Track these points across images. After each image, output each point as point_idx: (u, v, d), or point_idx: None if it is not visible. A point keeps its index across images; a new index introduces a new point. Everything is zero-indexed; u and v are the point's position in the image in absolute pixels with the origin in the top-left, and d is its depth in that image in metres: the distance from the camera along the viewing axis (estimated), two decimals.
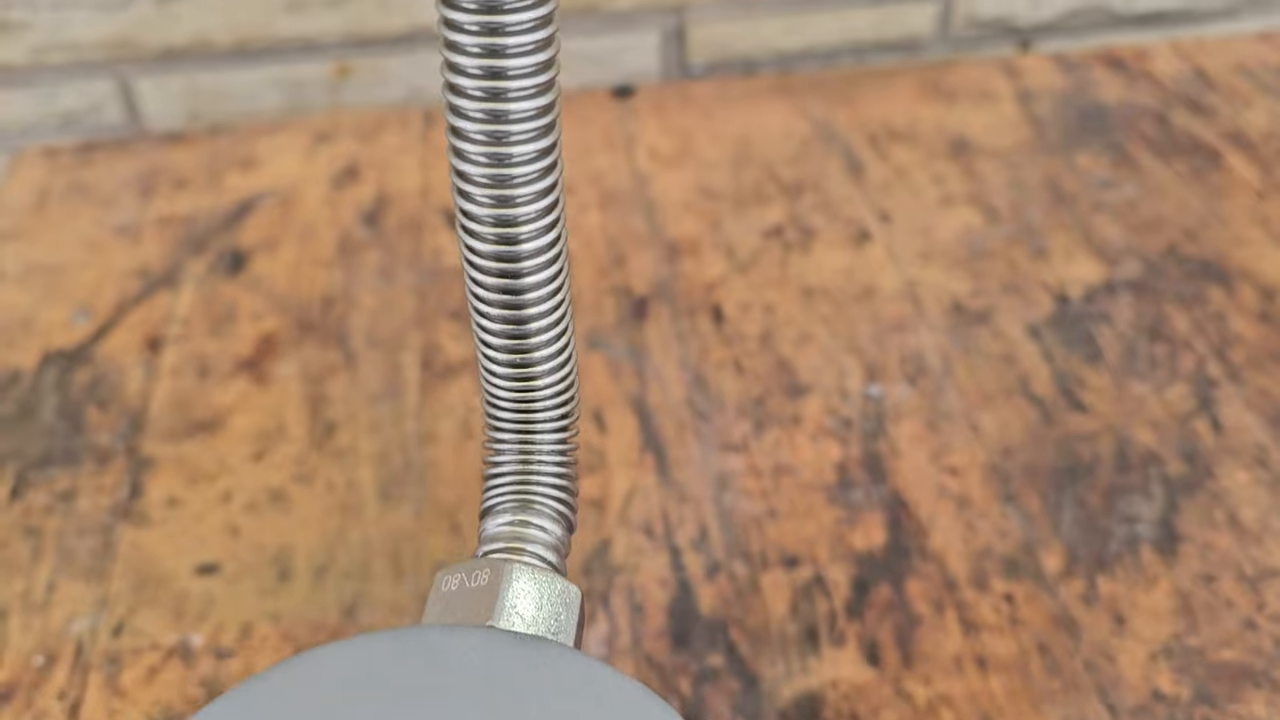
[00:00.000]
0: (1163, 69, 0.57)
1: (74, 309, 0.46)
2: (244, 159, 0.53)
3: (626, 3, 0.57)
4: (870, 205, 0.49)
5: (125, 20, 0.54)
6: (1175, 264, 0.46)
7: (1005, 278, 0.45)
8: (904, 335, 0.43)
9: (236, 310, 0.45)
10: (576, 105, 0.56)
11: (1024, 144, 0.52)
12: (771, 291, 0.45)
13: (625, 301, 0.45)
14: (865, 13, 0.59)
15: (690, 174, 0.51)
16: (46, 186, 0.52)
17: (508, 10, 0.20)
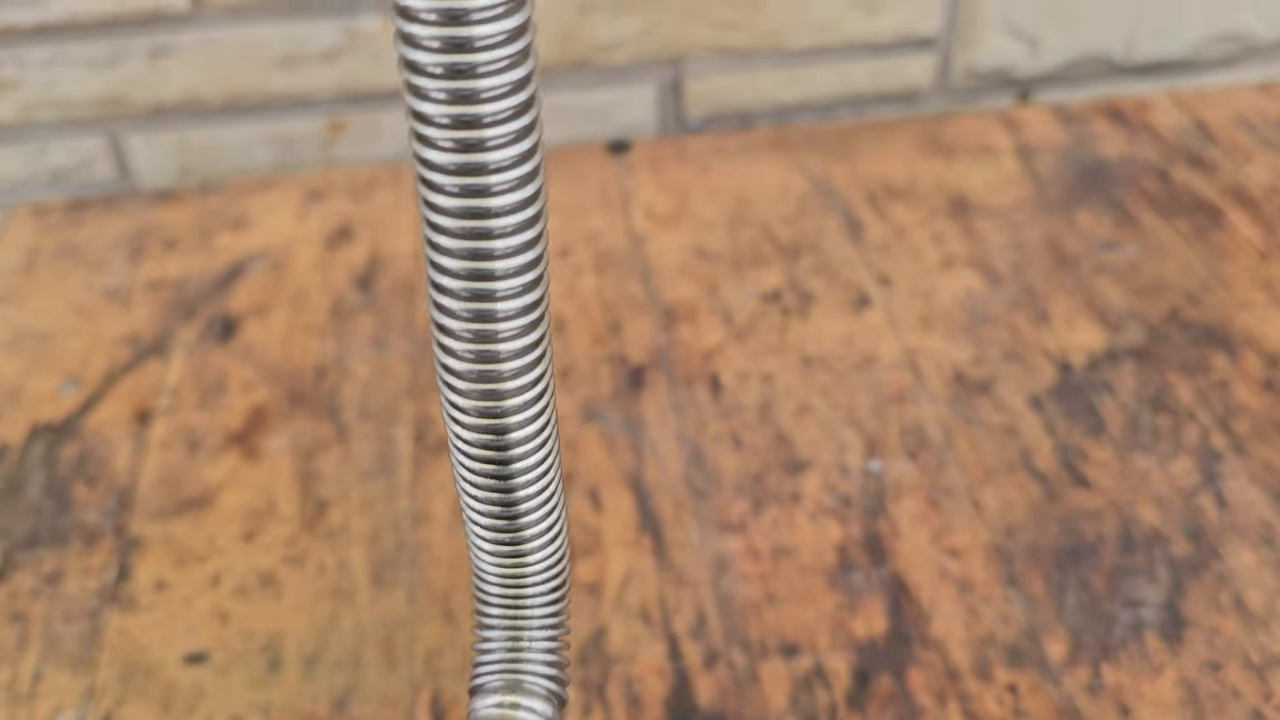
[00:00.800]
0: (1163, 121, 0.57)
1: (63, 378, 0.45)
2: (235, 218, 0.53)
3: (623, 56, 0.57)
4: (869, 267, 0.49)
5: (116, 77, 0.54)
6: (1178, 329, 0.46)
7: (1007, 345, 0.45)
8: (904, 406, 0.42)
9: (227, 380, 0.45)
10: (572, 160, 0.55)
11: (1024, 201, 0.52)
12: (770, 360, 0.44)
13: (622, 370, 0.44)
14: (863, 65, 0.59)
15: (687, 234, 0.51)
16: (36, 247, 0.52)
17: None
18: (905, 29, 0.58)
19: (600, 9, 0.55)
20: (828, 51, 0.58)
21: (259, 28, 0.54)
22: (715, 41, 0.57)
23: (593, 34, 0.56)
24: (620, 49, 0.56)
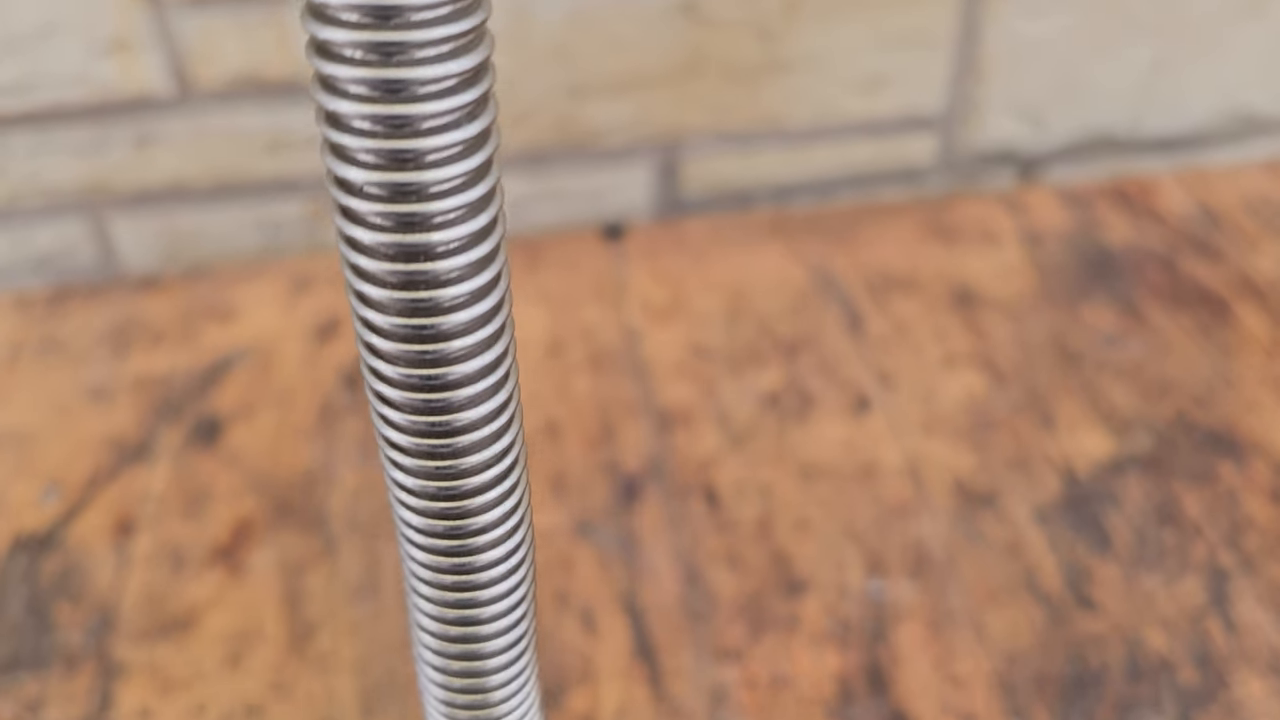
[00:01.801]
0: (1168, 206, 0.57)
1: (45, 484, 0.45)
2: (221, 308, 0.53)
3: (618, 139, 0.57)
4: (869, 366, 0.48)
5: (102, 164, 0.54)
6: (1184, 434, 0.45)
7: (1010, 451, 0.45)
8: (905, 520, 0.42)
9: (212, 488, 0.45)
10: (565, 247, 0.55)
11: (1027, 293, 0.52)
12: (768, 469, 0.44)
13: (615, 480, 0.44)
14: (864, 145, 0.59)
15: (683, 329, 0.51)
16: (19, 341, 0.52)
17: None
18: (906, 109, 0.58)
19: (594, 91, 0.55)
20: (827, 132, 0.58)
21: (246, 113, 0.54)
22: (712, 123, 0.57)
23: (587, 116, 0.56)
24: (615, 131, 0.56)
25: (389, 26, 0.17)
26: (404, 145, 0.18)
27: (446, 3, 0.17)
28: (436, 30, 0.17)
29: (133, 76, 0.52)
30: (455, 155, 0.18)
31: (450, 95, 0.17)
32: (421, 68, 0.17)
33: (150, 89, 0.53)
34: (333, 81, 0.17)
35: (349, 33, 0.17)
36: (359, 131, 0.17)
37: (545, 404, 0.47)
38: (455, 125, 0.18)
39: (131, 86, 0.53)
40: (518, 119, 0.55)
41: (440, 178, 0.18)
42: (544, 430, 0.46)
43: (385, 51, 0.17)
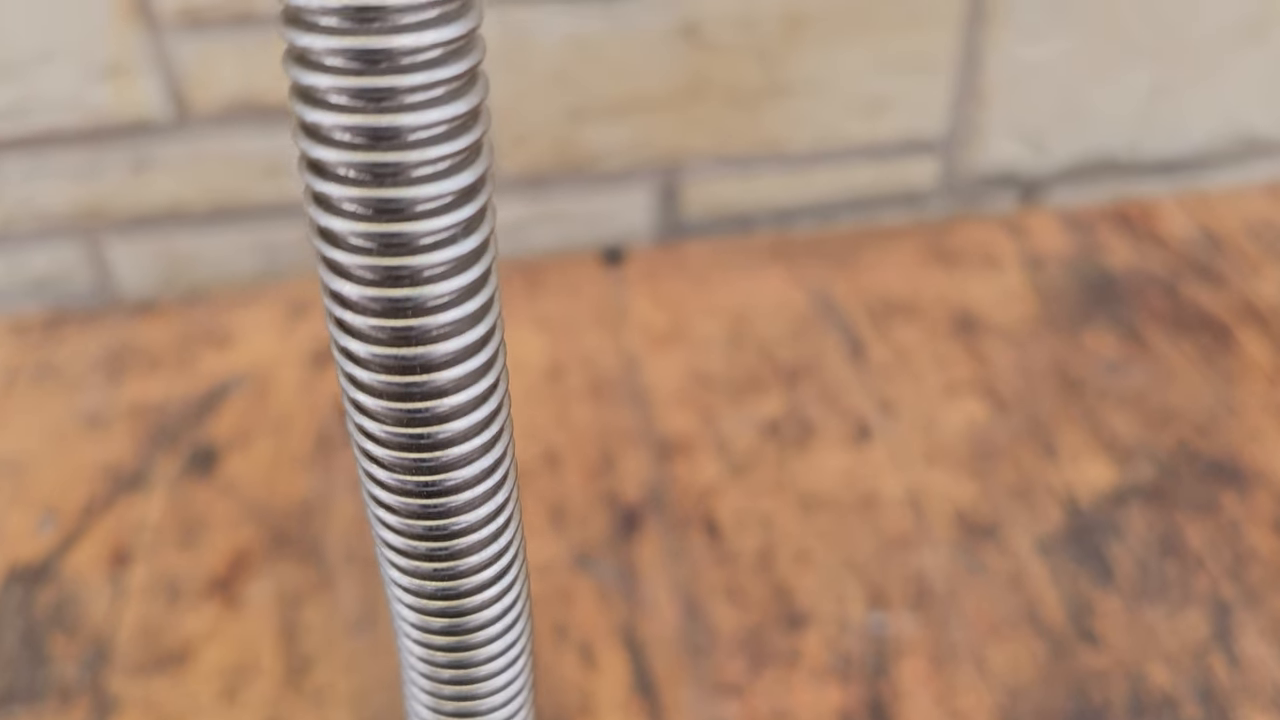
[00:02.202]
0: (1170, 230, 0.57)
1: (41, 512, 0.45)
2: (218, 335, 0.53)
3: (618, 163, 0.57)
4: (870, 394, 0.49)
5: (98, 188, 0.54)
6: (1186, 464, 0.45)
7: (1011, 481, 0.45)
8: (906, 552, 0.42)
9: (209, 517, 0.45)
10: (565, 271, 0.55)
11: (1029, 318, 0.52)
12: (768, 499, 0.44)
13: (615, 512, 0.44)
14: (865, 168, 0.59)
15: (684, 356, 0.51)
16: (15, 367, 0.52)
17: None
18: (907, 132, 0.58)
19: (594, 115, 0.55)
20: (828, 155, 0.58)
21: (244, 137, 0.54)
22: (713, 146, 0.57)
23: (586, 140, 0.56)
24: (615, 155, 0.56)
25: (377, 72, 0.16)
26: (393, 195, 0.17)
27: (437, 46, 0.16)
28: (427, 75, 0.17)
29: (129, 100, 0.52)
30: (446, 206, 0.18)
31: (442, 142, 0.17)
32: (412, 114, 0.17)
33: (147, 113, 0.53)
34: (317, 129, 0.17)
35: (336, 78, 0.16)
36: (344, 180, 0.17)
37: (544, 432, 0.47)
38: (446, 174, 0.18)
39: (128, 110, 0.53)
40: (517, 142, 0.55)
41: (431, 229, 0.18)
42: (543, 459, 0.46)
43: (374, 98, 0.17)
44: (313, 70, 0.16)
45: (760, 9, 0.54)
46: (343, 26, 0.16)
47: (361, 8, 0.16)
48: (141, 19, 0.51)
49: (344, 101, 0.16)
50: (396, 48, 0.16)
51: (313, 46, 0.16)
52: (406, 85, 0.16)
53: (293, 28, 0.16)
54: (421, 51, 0.16)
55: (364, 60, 0.16)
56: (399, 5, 0.16)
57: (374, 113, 0.16)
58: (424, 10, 0.16)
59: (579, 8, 0.52)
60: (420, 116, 0.17)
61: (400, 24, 0.16)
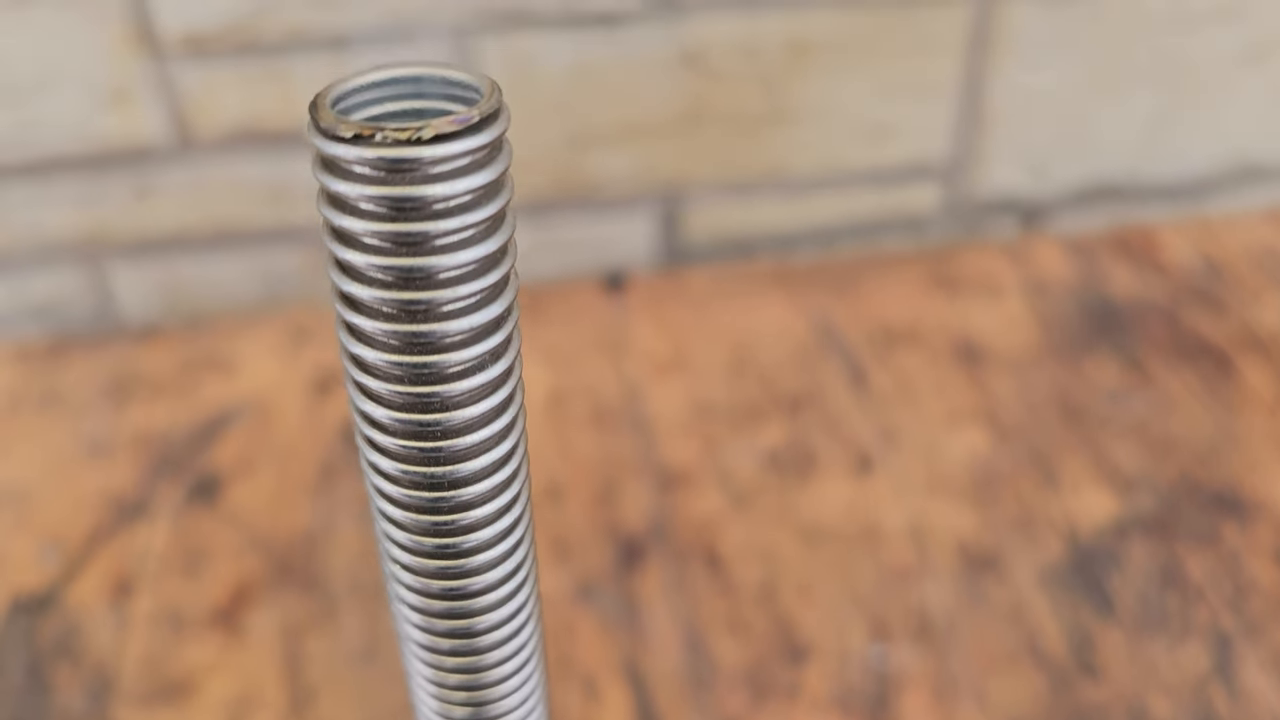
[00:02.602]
0: (1171, 257, 0.57)
1: (45, 541, 0.46)
2: (221, 361, 0.53)
3: (619, 189, 0.57)
4: (872, 423, 0.49)
5: (102, 214, 0.55)
6: (1187, 495, 0.46)
7: (1013, 512, 0.45)
8: (908, 583, 0.43)
9: (212, 547, 0.45)
10: (567, 298, 0.56)
11: (1031, 347, 0.52)
12: (770, 531, 0.45)
13: (617, 543, 0.44)
14: (868, 194, 0.59)
15: (686, 384, 0.51)
16: (19, 393, 0.52)
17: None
18: (910, 158, 0.59)
19: (596, 142, 0.56)
20: (830, 181, 0.59)
21: (246, 163, 0.54)
22: (715, 173, 0.57)
23: (588, 167, 0.56)
24: (617, 181, 0.57)
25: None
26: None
27: (468, 192, 0.17)
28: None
29: (133, 127, 0.53)
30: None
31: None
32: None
33: (150, 140, 0.53)
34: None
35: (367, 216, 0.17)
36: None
37: (547, 462, 0.47)
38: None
39: (131, 137, 0.53)
40: (519, 168, 0.56)
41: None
42: (545, 490, 0.46)
43: (406, 242, 0.17)
44: (346, 213, 0.17)
45: (763, 37, 0.54)
46: (376, 175, 0.16)
47: (396, 159, 0.16)
48: (145, 47, 0.51)
49: (376, 243, 0.17)
50: (428, 195, 0.17)
51: (347, 193, 0.17)
52: (438, 230, 0.17)
53: (326, 173, 0.17)
54: (453, 198, 0.17)
55: (396, 207, 0.17)
56: (432, 157, 0.16)
57: (405, 255, 0.17)
58: (455, 160, 0.16)
59: (582, 35, 0.53)
60: (451, 258, 0.17)
61: (432, 174, 0.16)
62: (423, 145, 0.16)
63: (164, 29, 0.51)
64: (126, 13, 0.50)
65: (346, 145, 0.16)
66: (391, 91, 0.18)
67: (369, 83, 0.18)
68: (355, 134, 0.16)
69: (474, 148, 0.17)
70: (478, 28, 0.52)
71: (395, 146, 0.16)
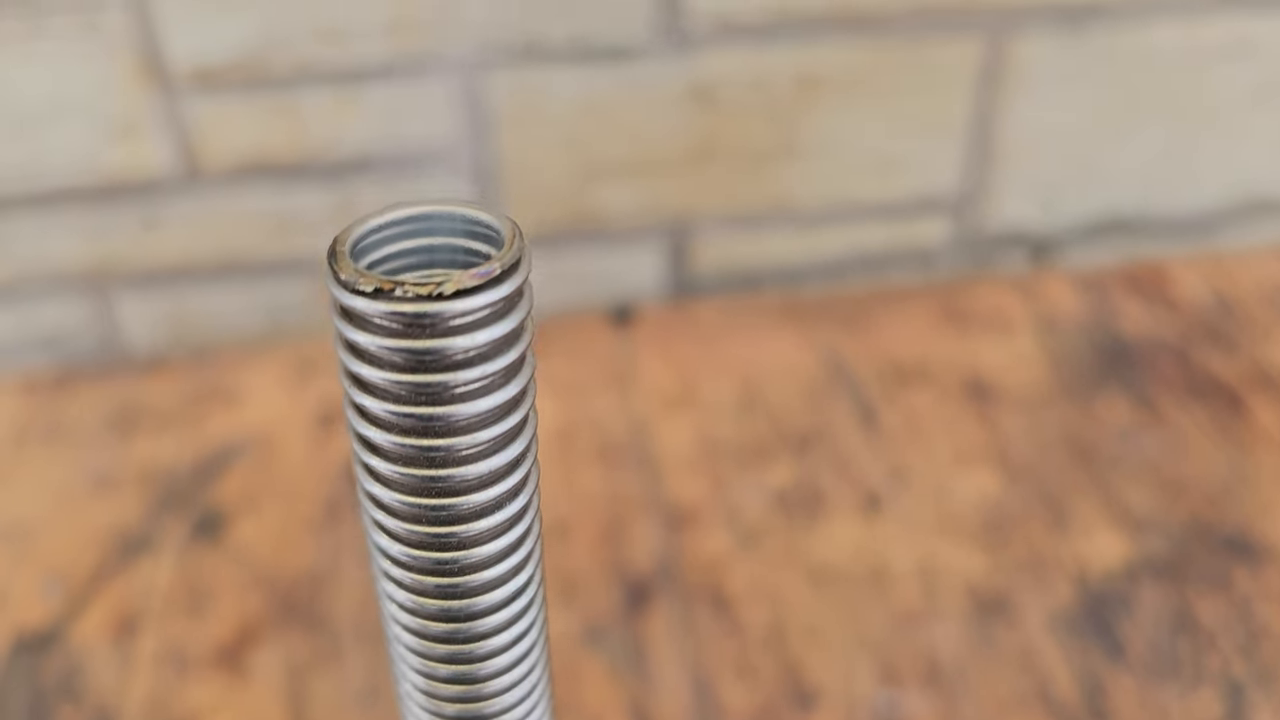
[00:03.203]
0: (1181, 293, 0.57)
1: (48, 577, 0.46)
2: (226, 393, 0.53)
3: (628, 221, 0.57)
4: (881, 462, 0.49)
5: (109, 245, 0.55)
6: (1199, 538, 0.46)
7: (1023, 554, 0.45)
8: (917, 627, 0.43)
9: (216, 584, 0.45)
10: (574, 331, 0.56)
11: (1041, 384, 0.53)
12: (778, 572, 0.45)
13: (624, 583, 0.44)
14: (877, 227, 0.60)
15: (693, 420, 0.51)
16: (24, 425, 0.52)
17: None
18: (920, 191, 0.59)
19: (605, 175, 0.56)
20: (839, 215, 0.59)
21: (254, 195, 0.54)
22: (723, 206, 0.58)
23: (597, 199, 0.56)
24: (625, 214, 0.57)
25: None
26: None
27: (487, 344, 0.17)
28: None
29: (141, 159, 0.53)
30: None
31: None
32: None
33: (158, 171, 0.54)
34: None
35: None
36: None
37: (553, 499, 0.48)
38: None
39: (139, 169, 0.53)
40: (527, 201, 0.56)
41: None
42: (552, 528, 0.46)
43: (424, 391, 0.17)
44: (364, 362, 0.17)
45: (773, 71, 0.54)
46: (396, 328, 0.17)
47: (416, 314, 0.16)
48: (155, 80, 0.51)
49: (394, 391, 0.17)
50: (449, 348, 0.17)
51: (365, 344, 0.17)
52: (457, 381, 0.17)
53: (345, 322, 0.17)
54: (474, 349, 0.17)
55: (416, 359, 0.17)
56: (453, 312, 0.16)
57: (424, 404, 0.17)
58: (477, 313, 0.17)
59: (591, 69, 0.53)
60: (469, 406, 0.17)
61: (453, 327, 0.17)
62: (444, 300, 0.16)
63: (173, 62, 0.51)
64: (136, 46, 0.51)
65: (367, 299, 0.16)
66: (410, 229, 0.19)
67: (388, 221, 0.18)
68: (376, 288, 0.16)
69: (495, 300, 0.17)
70: (487, 61, 0.52)
71: (416, 301, 0.16)
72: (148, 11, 0.50)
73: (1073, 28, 0.55)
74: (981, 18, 0.55)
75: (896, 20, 0.54)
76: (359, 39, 0.51)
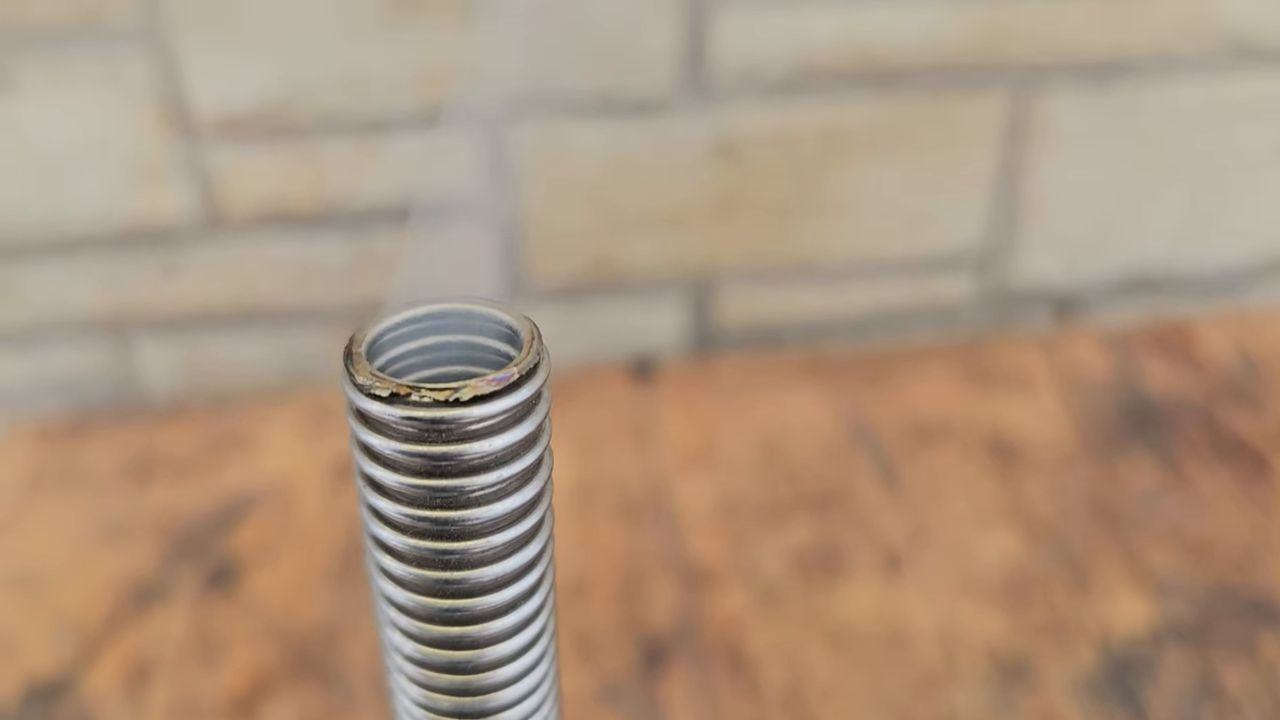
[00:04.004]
0: (1207, 352, 0.58)
1: (60, 625, 0.46)
2: (243, 442, 0.54)
3: (652, 275, 0.58)
4: (902, 522, 0.49)
5: (129, 292, 0.55)
6: (1223, 602, 0.46)
7: (1044, 618, 0.45)
8: (936, 690, 0.43)
9: (230, 636, 0.45)
10: (595, 384, 0.56)
11: (1064, 444, 0.53)
12: (797, 631, 0.45)
13: (641, 642, 0.44)
14: (901, 284, 0.60)
15: (714, 477, 0.51)
16: (39, 471, 0.53)
17: None
18: (944, 247, 0.59)
19: (629, 229, 0.56)
20: (864, 270, 0.59)
21: (274, 244, 0.55)
22: (747, 261, 0.58)
23: (621, 254, 0.57)
24: (649, 268, 0.58)
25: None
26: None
27: (506, 448, 0.17)
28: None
29: (163, 206, 0.54)
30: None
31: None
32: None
33: (180, 218, 0.54)
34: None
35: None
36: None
37: (572, 555, 0.48)
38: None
39: (162, 215, 0.54)
40: (552, 255, 0.57)
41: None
42: (570, 585, 0.47)
43: (440, 495, 0.18)
44: (379, 465, 0.17)
45: (798, 127, 0.55)
46: (412, 433, 0.17)
47: (433, 419, 0.16)
48: (179, 128, 0.52)
49: (409, 494, 0.17)
50: (465, 454, 0.17)
51: (380, 447, 0.17)
52: (473, 485, 0.17)
53: (361, 425, 0.17)
54: (490, 455, 0.17)
55: (432, 463, 0.17)
56: (470, 418, 0.16)
57: (439, 508, 0.17)
58: (494, 418, 0.17)
59: (618, 123, 0.54)
60: (485, 510, 0.17)
61: (469, 432, 0.17)
62: (461, 406, 0.16)
63: (197, 110, 0.52)
64: (160, 94, 0.51)
65: (383, 404, 0.16)
66: (427, 326, 0.19)
67: (404, 319, 0.18)
68: (392, 393, 0.16)
69: (512, 405, 0.17)
70: (513, 114, 0.53)
71: (433, 408, 0.16)
72: (172, 60, 0.51)
73: (1098, 85, 0.56)
74: (1006, 74, 0.55)
75: (921, 76, 0.55)
76: (382, 90, 0.52)
